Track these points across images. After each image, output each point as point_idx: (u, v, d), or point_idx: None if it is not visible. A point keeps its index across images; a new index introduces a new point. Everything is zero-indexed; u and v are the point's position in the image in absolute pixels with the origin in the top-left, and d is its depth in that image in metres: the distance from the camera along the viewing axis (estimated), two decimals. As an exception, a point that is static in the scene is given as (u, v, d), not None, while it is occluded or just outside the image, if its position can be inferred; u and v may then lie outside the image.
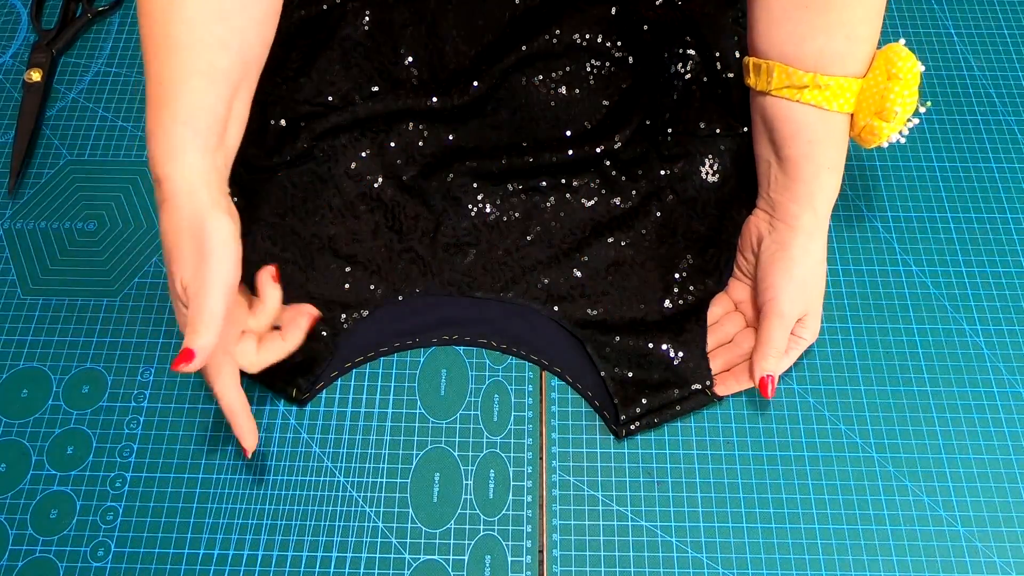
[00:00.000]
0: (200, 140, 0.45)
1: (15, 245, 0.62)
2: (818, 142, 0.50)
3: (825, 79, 0.48)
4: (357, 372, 0.58)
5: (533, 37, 0.62)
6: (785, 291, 0.52)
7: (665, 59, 0.63)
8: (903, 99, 0.48)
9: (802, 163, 0.51)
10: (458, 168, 0.62)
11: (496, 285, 0.60)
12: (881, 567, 0.52)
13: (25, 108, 0.67)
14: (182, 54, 0.45)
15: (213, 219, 0.44)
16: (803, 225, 0.52)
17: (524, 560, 0.52)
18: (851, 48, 0.48)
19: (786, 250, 0.52)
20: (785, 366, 0.54)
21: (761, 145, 0.54)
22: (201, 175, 0.44)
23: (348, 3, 0.64)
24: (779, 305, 0.52)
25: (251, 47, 0.48)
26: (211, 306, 0.43)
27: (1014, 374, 0.58)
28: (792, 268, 0.52)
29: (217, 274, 0.43)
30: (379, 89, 0.63)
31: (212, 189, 0.44)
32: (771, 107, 0.51)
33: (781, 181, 0.52)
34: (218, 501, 0.54)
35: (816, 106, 0.49)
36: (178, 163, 0.44)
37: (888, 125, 0.48)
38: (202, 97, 0.45)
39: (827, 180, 0.51)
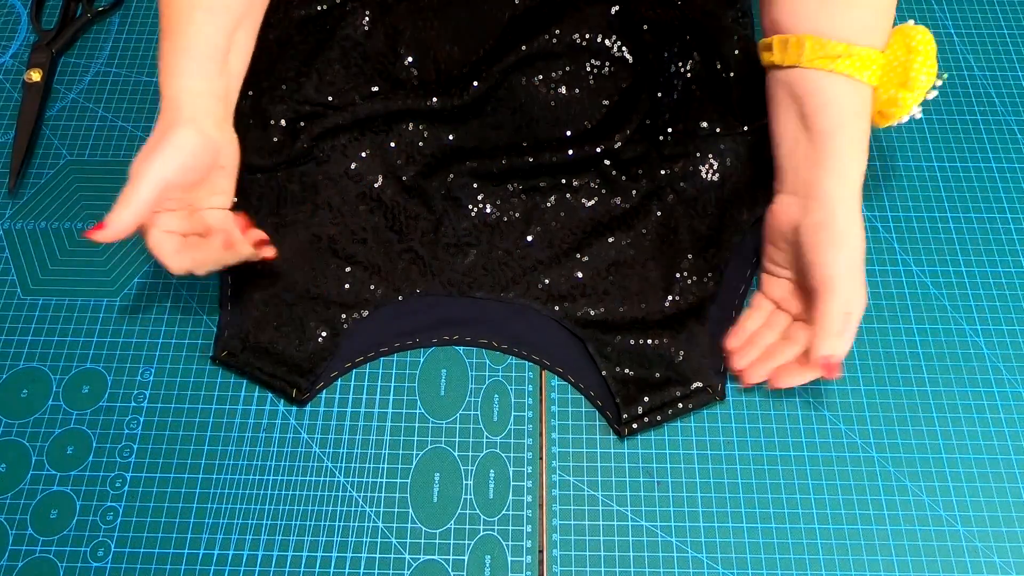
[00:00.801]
0: (195, 66, 0.51)
1: (15, 245, 0.62)
2: (849, 112, 0.51)
3: (857, 49, 0.50)
4: (357, 372, 0.58)
5: (533, 37, 0.62)
6: (839, 267, 0.51)
7: (665, 59, 0.63)
8: (927, 68, 0.51)
9: (836, 134, 0.51)
10: (458, 168, 0.62)
11: (496, 285, 0.60)
12: (881, 567, 0.52)
13: (25, 108, 0.67)
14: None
15: (180, 128, 0.49)
16: (843, 197, 0.51)
17: (524, 560, 0.52)
18: (876, 21, 0.52)
19: (831, 227, 0.51)
20: (847, 347, 0.52)
21: (786, 123, 0.54)
22: (191, 96, 0.51)
23: (348, 3, 0.64)
24: (837, 283, 0.50)
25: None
26: (138, 191, 0.48)
27: (1014, 374, 0.58)
28: (843, 243, 0.51)
29: (155, 167, 0.48)
30: (379, 89, 0.63)
31: (197, 108, 0.50)
32: (801, 80, 0.52)
33: (812, 157, 0.52)
34: (218, 501, 0.54)
35: (848, 76, 0.51)
36: (173, 85, 0.51)
37: (912, 95, 0.51)
38: (201, 29, 0.51)
39: (859, 153, 0.52)
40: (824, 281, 0.51)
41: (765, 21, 0.56)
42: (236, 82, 0.55)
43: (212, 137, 0.51)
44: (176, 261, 0.50)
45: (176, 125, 0.49)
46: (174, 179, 0.49)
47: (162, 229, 0.50)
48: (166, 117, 0.50)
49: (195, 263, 0.51)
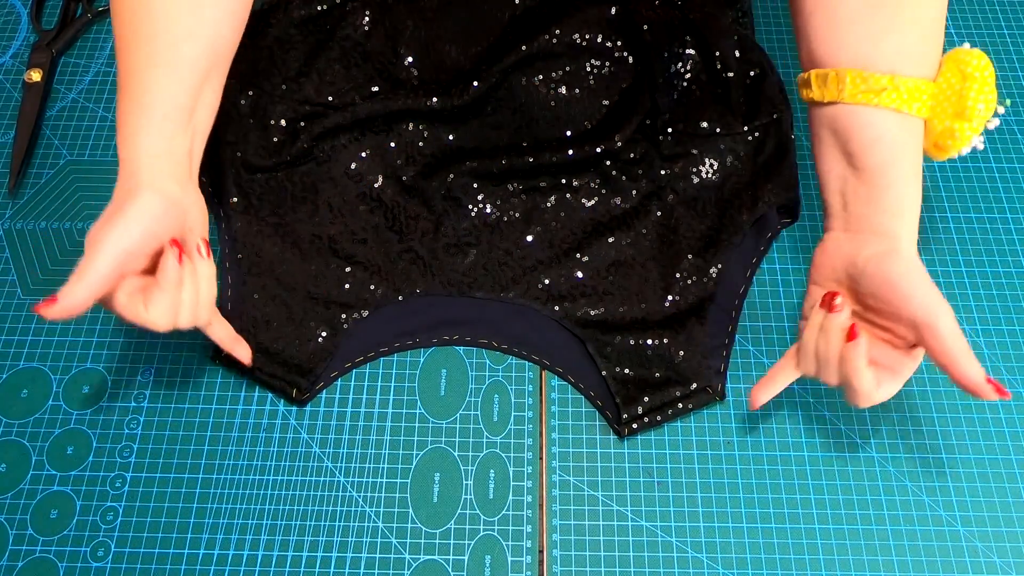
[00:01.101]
0: (154, 128, 0.47)
1: (15, 245, 0.62)
2: (900, 147, 0.47)
3: (903, 80, 0.46)
4: (357, 372, 0.58)
5: (533, 37, 0.62)
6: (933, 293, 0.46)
7: (665, 59, 0.63)
8: (984, 96, 0.46)
9: (886, 171, 0.47)
10: (458, 168, 0.62)
11: (496, 285, 0.60)
12: (881, 567, 0.52)
13: (25, 108, 0.67)
14: (147, 47, 0.48)
15: (139, 194, 0.46)
16: (903, 233, 0.47)
17: (524, 560, 0.52)
18: (924, 48, 0.47)
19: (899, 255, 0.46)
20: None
21: (831, 160, 0.49)
22: (150, 157, 0.47)
23: (348, 3, 0.64)
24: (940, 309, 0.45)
25: (222, 36, 0.50)
26: (94, 263, 0.44)
27: (1014, 374, 0.58)
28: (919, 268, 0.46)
29: (113, 237, 0.44)
30: (379, 89, 0.63)
31: (155, 171, 0.47)
32: (844, 116, 0.48)
33: (863, 195, 0.48)
34: (218, 501, 0.54)
35: (896, 110, 0.46)
36: (129, 147, 0.47)
37: (970, 126, 0.46)
38: (161, 87, 0.47)
39: (914, 189, 0.47)
40: (928, 312, 0.45)
41: (802, 54, 0.51)
42: (201, 139, 0.50)
43: (176, 200, 0.47)
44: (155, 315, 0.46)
45: (136, 190, 0.45)
46: (135, 248, 0.45)
47: (128, 292, 0.46)
48: (124, 182, 0.46)
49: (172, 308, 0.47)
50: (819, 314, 0.49)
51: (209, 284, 0.49)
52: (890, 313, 0.47)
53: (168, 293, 0.46)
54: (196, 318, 0.49)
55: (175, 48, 0.48)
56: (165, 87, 0.47)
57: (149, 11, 0.47)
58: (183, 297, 0.47)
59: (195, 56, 0.48)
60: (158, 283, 0.46)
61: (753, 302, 0.60)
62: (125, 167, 0.47)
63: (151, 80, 0.47)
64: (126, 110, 0.47)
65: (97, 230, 0.45)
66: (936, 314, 0.45)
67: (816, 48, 0.49)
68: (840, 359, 0.48)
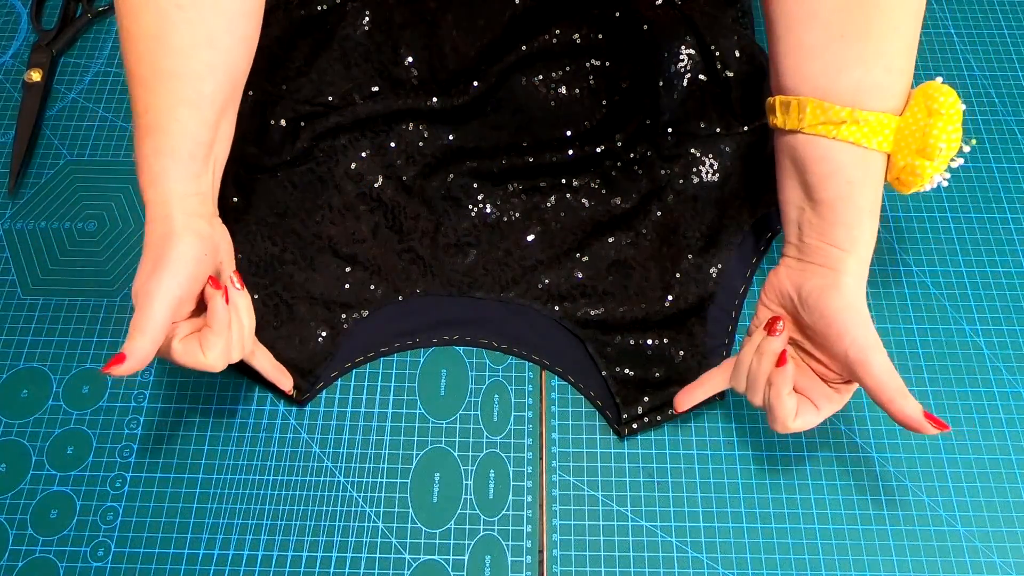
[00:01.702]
0: (181, 168, 0.47)
1: (15, 245, 0.62)
2: (857, 183, 0.46)
3: (864, 114, 0.45)
4: (357, 372, 0.58)
5: (533, 37, 0.62)
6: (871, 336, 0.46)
7: (665, 59, 0.63)
8: (947, 135, 0.45)
9: (840, 206, 0.47)
10: (458, 168, 0.62)
11: (496, 285, 0.60)
12: (881, 567, 0.52)
13: (25, 108, 0.67)
14: (168, 84, 0.46)
15: (178, 239, 0.45)
16: (849, 269, 0.46)
17: (524, 560, 0.52)
18: (889, 81, 0.46)
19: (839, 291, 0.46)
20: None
21: (789, 189, 0.49)
22: (179, 200, 0.46)
23: (348, 3, 0.64)
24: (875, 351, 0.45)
25: (237, 66, 0.49)
26: (151, 314, 0.44)
27: (1014, 374, 0.58)
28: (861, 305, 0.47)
29: (164, 286, 0.45)
30: (379, 89, 0.63)
31: (187, 213, 0.46)
32: (803, 147, 0.47)
33: (817, 227, 0.48)
34: (218, 501, 0.54)
35: (854, 143, 0.46)
36: (158, 189, 0.46)
37: (931, 164, 0.45)
38: (186, 126, 0.47)
39: (868, 225, 0.47)
40: (861, 350, 0.45)
41: (772, 79, 0.50)
42: (220, 169, 0.50)
43: (209, 238, 0.47)
44: (212, 358, 0.47)
45: (172, 237, 0.45)
46: (185, 294, 0.46)
47: (181, 338, 0.47)
48: (157, 228, 0.46)
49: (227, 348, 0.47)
50: (760, 335, 0.49)
51: (249, 315, 0.50)
52: (824, 347, 0.47)
53: (222, 336, 0.47)
54: (243, 351, 0.50)
55: (196, 85, 0.47)
56: (189, 126, 0.47)
57: (168, 47, 0.46)
58: (234, 335, 0.48)
59: (215, 92, 0.48)
60: (211, 328, 0.47)
61: (753, 302, 0.60)
62: (154, 210, 0.46)
63: (175, 120, 0.46)
64: (149, 151, 0.46)
65: (143, 282, 0.45)
66: (868, 353, 0.45)
67: (782, 74, 0.48)
68: (767, 382, 0.48)
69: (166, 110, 0.46)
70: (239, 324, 0.49)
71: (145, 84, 0.47)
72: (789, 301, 0.49)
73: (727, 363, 0.52)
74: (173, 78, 0.46)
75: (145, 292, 0.45)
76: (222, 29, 0.47)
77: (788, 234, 0.50)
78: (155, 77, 0.46)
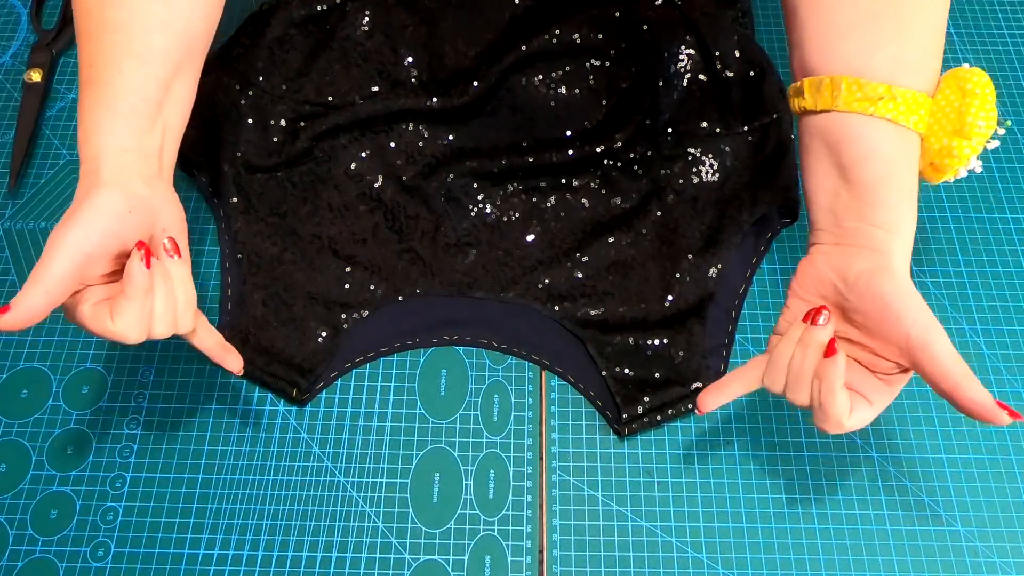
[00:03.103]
0: (120, 122, 0.44)
1: (15, 245, 0.62)
2: (896, 162, 0.44)
3: (900, 91, 0.44)
4: (357, 372, 0.58)
5: (533, 37, 0.62)
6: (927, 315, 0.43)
7: (665, 59, 0.63)
8: (985, 112, 0.44)
9: (881, 187, 0.44)
10: (458, 168, 0.62)
11: (496, 285, 0.60)
12: (881, 567, 0.52)
13: (25, 108, 0.67)
14: (114, 36, 0.45)
15: (99, 192, 0.42)
16: (897, 251, 0.44)
17: (524, 560, 0.52)
18: (923, 60, 0.45)
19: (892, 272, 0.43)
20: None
21: (820, 174, 0.47)
22: (114, 153, 0.44)
23: (348, 3, 0.64)
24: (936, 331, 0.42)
25: (194, 28, 0.47)
26: (49, 265, 0.41)
27: (1014, 374, 0.58)
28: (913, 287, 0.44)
29: (70, 237, 0.41)
30: (379, 89, 0.63)
31: (121, 168, 0.44)
32: (838, 126, 0.45)
33: (856, 209, 0.45)
34: (218, 501, 0.54)
35: (892, 120, 0.44)
36: (91, 143, 0.44)
37: (969, 144, 0.44)
38: (129, 80, 0.44)
39: (909, 207, 0.45)
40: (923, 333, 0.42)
41: (794, 63, 0.49)
42: (173, 137, 0.47)
43: (142, 198, 0.44)
44: (122, 326, 0.42)
45: (95, 187, 0.42)
46: (94, 250, 0.42)
47: (92, 303, 0.42)
48: (84, 180, 0.43)
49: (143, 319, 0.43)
50: (798, 328, 0.46)
51: (185, 287, 0.45)
52: (879, 333, 0.43)
53: (135, 301, 0.42)
54: (175, 326, 0.45)
55: (146, 38, 0.45)
56: (133, 79, 0.44)
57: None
58: (156, 304, 0.43)
59: (167, 47, 0.45)
60: (123, 291, 0.42)
61: (753, 302, 0.60)
62: (87, 164, 0.43)
63: (119, 72, 0.44)
64: (89, 104, 0.44)
65: (55, 232, 0.41)
66: (931, 335, 0.42)
67: (810, 56, 0.47)
68: (814, 377, 0.45)
69: (110, 63, 0.44)
70: (167, 295, 0.44)
71: (91, 37, 0.45)
72: (831, 288, 0.45)
73: (755, 361, 0.48)
74: (120, 30, 0.45)
75: (51, 242, 0.41)
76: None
77: (819, 221, 0.47)
78: (102, 27, 0.45)
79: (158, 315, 0.44)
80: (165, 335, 0.45)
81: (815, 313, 0.45)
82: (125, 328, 0.42)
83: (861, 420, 0.44)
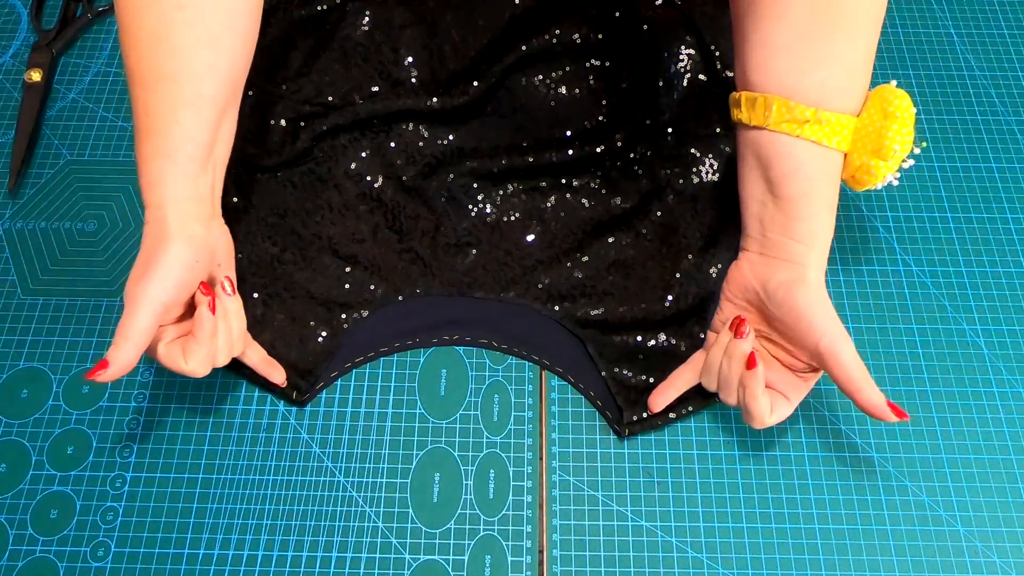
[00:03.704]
0: (179, 171, 0.47)
1: (15, 245, 0.62)
2: (817, 179, 0.48)
3: (826, 114, 0.47)
4: (357, 372, 0.58)
5: (533, 37, 0.62)
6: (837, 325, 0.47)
7: (665, 59, 0.63)
8: (901, 136, 0.47)
9: (802, 201, 0.48)
10: (458, 168, 0.62)
11: (496, 285, 0.60)
12: (881, 567, 0.52)
13: (25, 108, 0.67)
14: (169, 86, 0.47)
15: (170, 244, 0.46)
16: (812, 263, 0.48)
17: (524, 560, 0.52)
18: (850, 83, 0.47)
19: (806, 285, 0.48)
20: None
21: (751, 183, 0.51)
22: (176, 203, 0.47)
23: (348, 3, 0.64)
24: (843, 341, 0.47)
25: (237, 66, 0.50)
26: (136, 321, 0.45)
27: (1014, 374, 0.58)
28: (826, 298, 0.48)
29: (151, 292, 0.45)
30: (379, 89, 0.63)
31: (182, 216, 0.47)
32: (767, 143, 0.49)
33: (779, 221, 0.49)
34: (218, 501, 0.54)
35: (816, 142, 0.47)
36: (155, 192, 0.47)
37: (885, 164, 0.48)
38: (185, 129, 0.47)
39: (827, 220, 0.49)
40: (831, 342, 0.47)
41: (737, 73, 0.51)
42: (222, 171, 0.51)
43: (204, 242, 0.48)
44: (193, 366, 0.47)
45: (164, 241, 0.46)
46: (172, 300, 0.46)
47: (166, 343, 0.48)
48: (152, 231, 0.47)
49: (210, 356, 0.48)
50: (727, 335, 0.51)
51: (239, 319, 0.50)
52: (794, 339, 0.49)
53: (204, 345, 0.47)
54: (232, 353, 0.50)
55: (196, 87, 0.47)
56: (189, 128, 0.47)
57: (169, 48, 0.46)
58: (220, 341, 0.49)
59: (215, 93, 0.48)
60: (195, 336, 0.47)
61: (753, 302, 0.60)
62: (152, 212, 0.47)
63: (176, 121, 0.47)
64: (149, 153, 0.47)
65: (133, 285, 0.46)
66: (838, 344, 0.47)
67: (749, 71, 0.49)
68: (739, 384, 0.50)
69: (166, 112, 0.47)
70: (227, 330, 0.49)
71: (145, 85, 0.47)
72: (754, 295, 0.50)
73: (695, 358, 0.54)
74: (173, 80, 0.47)
75: (132, 297, 0.45)
76: (222, 27, 0.47)
77: (749, 227, 0.52)
78: (155, 79, 0.47)
79: (221, 349, 0.49)
80: (226, 363, 0.50)
81: (738, 325, 0.50)
82: (196, 366, 0.47)
83: (780, 416, 0.50)
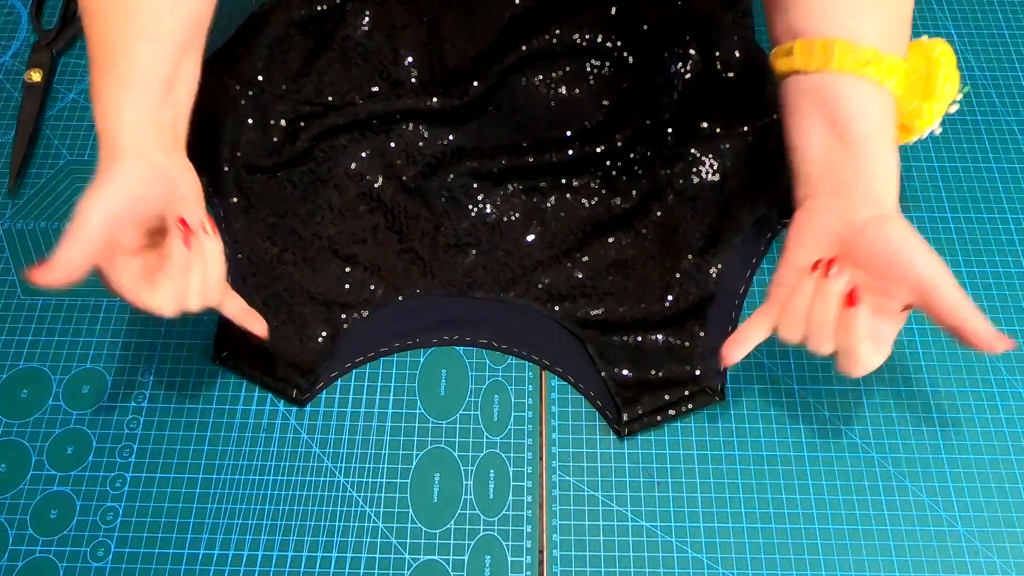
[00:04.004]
0: (135, 97, 0.46)
1: (15, 245, 0.62)
2: (883, 119, 0.48)
3: (885, 55, 0.47)
4: (357, 372, 0.58)
5: (533, 37, 0.62)
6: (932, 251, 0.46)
7: (665, 59, 0.63)
8: (950, 78, 0.50)
9: (872, 141, 0.48)
10: (458, 168, 0.62)
11: (496, 285, 0.60)
12: (881, 567, 0.52)
13: (25, 108, 0.67)
14: (126, 19, 0.47)
15: (123, 159, 0.44)
16: (893, 202, 0.47)
17: (524, 560, 0.52)
18: (900, 29, 0.49)
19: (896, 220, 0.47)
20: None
21: (813, 132, 0.49)
22: (133, 127, 0.46)
23: (348, 3, 0.64)
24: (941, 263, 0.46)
25: (199, 7, 0.50)
26: (84, 224, 0.42)
27: (1014, 374, 0.58)
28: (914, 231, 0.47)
29: (100, 199, 0.43)
30: (379, 89, 0.63)
31: (140, 139, 0.45)
32: (831, 87, 0.48)
33: (852, 163, 0.48)
34: (218, 501, 0.54)
35: (878, 83, 0.47)
36: (110, 120, 0.45)
37: (939, 105, 0.49)
38: (146, 60, 0.46)
39: (896, 159, 0.48)
40: (932, 274, 0.46)
41: (779, 28, 0.51)
42: (183, 114, 0.49)
43: (163, 166, 0.46)
44: (159, 301, 0.45)
45: (116, 157, 0.44)
46: (125, 211, 0.44)
47: (130, 275, 0.45)
48: (106, 152, 0.45)
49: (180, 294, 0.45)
50: (810, 280, 0.48)
51: (216, 263, 0.48)
52: (891, 275, 0.46)
53: (174, 279, 0.45)
54: (206, 300, 0.47)
55: (157, 20, 0.47)
56: (147, 59, 0.46)
57: None
58: (191, 281, 0.46)
59: (176, 27, 0.48)
60: (164, 268, 0.45)
61: (753, 302, 0.60)
62: (105, 138, 0.45)
63: (132, 53, 0.46)
64: (104, 83, 0.46)
65: (85, 198, 0.43)
66: (940, 276, 0.45)
67: (798, 21, 0.50)
68: (837, 326, 0.47)
69: (123, 43, 0.46)
70: (203, 272, 0.47)
71: (103, 19, 0.47)
72: (835, 237, 0.48)
73: (764, 310, 0.50)
74: (132, 13, 0.47)
75: (81, 208, 0.43)
76: None
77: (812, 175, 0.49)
78: (113, 13, 0.47)
79: (192, 291, 0.46)
80: (198, 309, 0.47)
81: (826, 265, 0.47)
82: (162, 302, 0.45)
83: (880, 359, 0.47)
